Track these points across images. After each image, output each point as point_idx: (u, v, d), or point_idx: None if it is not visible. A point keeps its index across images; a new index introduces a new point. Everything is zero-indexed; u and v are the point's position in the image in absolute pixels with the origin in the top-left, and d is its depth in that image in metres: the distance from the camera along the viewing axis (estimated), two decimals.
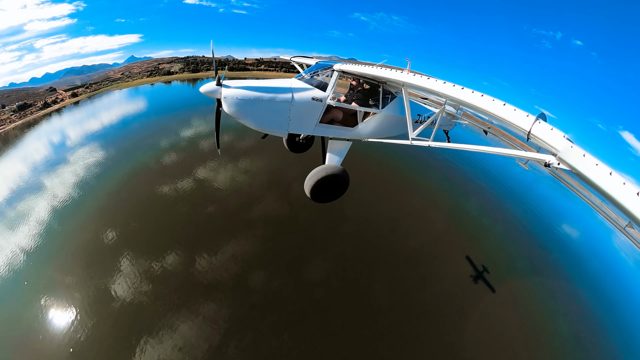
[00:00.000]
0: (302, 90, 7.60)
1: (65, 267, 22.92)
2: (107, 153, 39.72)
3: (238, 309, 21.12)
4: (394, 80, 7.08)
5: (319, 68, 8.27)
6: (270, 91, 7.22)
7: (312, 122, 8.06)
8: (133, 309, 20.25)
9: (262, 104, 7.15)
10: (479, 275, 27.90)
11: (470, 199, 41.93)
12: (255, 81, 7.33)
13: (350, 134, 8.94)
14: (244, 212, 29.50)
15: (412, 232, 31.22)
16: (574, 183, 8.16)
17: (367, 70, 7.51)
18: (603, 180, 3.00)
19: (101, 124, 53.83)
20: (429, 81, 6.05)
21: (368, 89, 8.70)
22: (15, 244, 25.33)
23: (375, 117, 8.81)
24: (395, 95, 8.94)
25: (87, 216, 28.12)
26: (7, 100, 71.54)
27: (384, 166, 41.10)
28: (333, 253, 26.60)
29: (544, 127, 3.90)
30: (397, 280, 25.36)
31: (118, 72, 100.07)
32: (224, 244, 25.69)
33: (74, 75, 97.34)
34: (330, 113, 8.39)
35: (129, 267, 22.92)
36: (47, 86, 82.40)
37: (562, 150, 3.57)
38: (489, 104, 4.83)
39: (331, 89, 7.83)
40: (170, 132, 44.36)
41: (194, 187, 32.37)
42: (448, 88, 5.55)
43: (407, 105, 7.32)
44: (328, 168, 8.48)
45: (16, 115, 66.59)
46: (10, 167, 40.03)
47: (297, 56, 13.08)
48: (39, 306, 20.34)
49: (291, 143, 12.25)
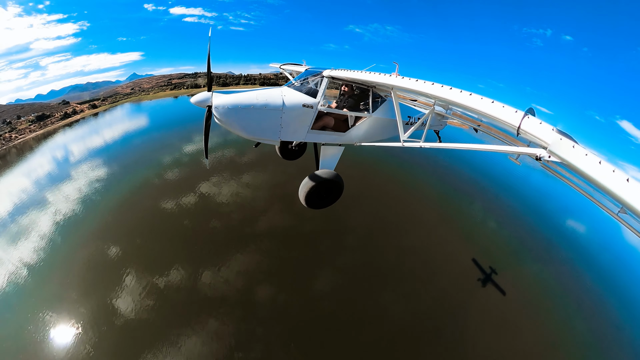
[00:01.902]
0: (293, 97, 7.59)
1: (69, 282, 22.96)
2: (122, 164, 41.09)
3: (244, 323, 20.80)
4: (383, 84, 7.13)
5: (309, 75, 8.32)
6: (261, 99, 7.17)
7: (304, 129, 8.05)
8: (137, 325, 20.01)
9: (253, 112, 7.10)
10: (491, 282, 27.61)
11: (471, 199, 42.15)
12: (246, 91, 7.33)
13: (342, 139, 8.97)
14: (248, 226, 29.47)
15: (416, 237, 31.13)
16: (566, 174, 8.26)
17: (356, 75, 7.56)
18: (593, 169, 3.06)
19: (122, 134, 56.42)
20: (418, 83, 6.08)
21: (358, 93, 8.77)
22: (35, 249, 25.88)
23: (367, 121, 8.87)
24: (385, 99, 9.01)
25: (99, 227, 28.44)
26: (22, 112, 75.85)
27: (384, 175, 41.39)
28: (339, 264, 26.33)
29: (533, 122, 3.93)
30: (407, 290, 24.89)
31: (126, 87, 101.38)
32: (229, 259, 25.50)
33: (79, 92, 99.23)
34: (322, 119, 8.42)
35: (133, 282, 22.74)
36: (55, 101, 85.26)
37: (552, 143, 3.61)
38: (478, 102, 4.86)
39: (321, 95, 7.86)
40: (173, 148, 45.09)
41: (198, 201, 32.49)
42: (436, 89, 5.59)
43: (397, 108, 7.34)
44: (322, 174, 8.52)
45: (35, 125, 70.61)
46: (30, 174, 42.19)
47: (286, 64, 13.16)
48: (40, 321, 20.15)
49: (283, 150, 12.25)
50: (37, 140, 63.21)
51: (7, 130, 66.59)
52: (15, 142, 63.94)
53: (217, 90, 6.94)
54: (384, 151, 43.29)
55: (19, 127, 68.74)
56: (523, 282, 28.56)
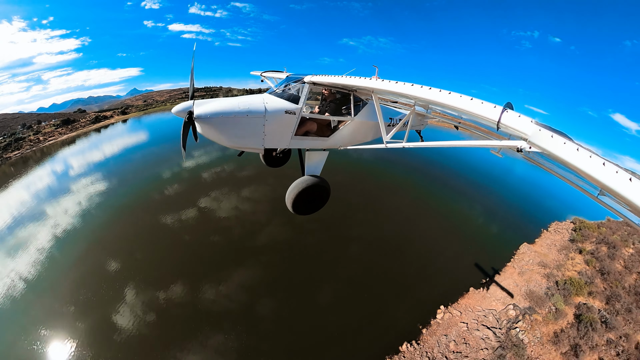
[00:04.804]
0: (275, 104, 7.53)
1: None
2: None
3: (247, 338, 20.45)
4: (363, 87, 7.20)
5: (290, 81, 8.31)
6: (243, 106, 7.04)
7: (288, 135, 7.99)
8: (137, 341, 19.50)
9: (235, 120, 6.95)
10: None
11: (460, 194, 42.83)
12: (228, 98, 7.20)
13: (326, 143, 8.99)
14: (249, 239, 29.49)
15: (418, 242, 31.30)
16: (547, 163, 8.63)
17: (337, 79, 7.60)
18: (572, 156, 3.18)
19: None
20: (397, 85, 6.15)
21: (339, 98, 8.83)
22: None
23: (349, 125, 8.93)
24: (366, 102, 9.12)
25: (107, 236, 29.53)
26: (40, 118, 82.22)
27: (377, 182, 40.84)
28: (342, 276, 26.18)
29: (511, 116, 4.03)
30: (412, 299, 24.66)
31: (135, 100, 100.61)
32: (231, 273, 25.34)
33: (81, 105, 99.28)
34: (305, 125, 8.39)
35: (133, 298, 22.36)
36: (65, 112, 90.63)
37: (531, 135, 3.71)
38: (457, 100, 4.94)
39: (303, 100, 7.84)
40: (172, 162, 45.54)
41: (198, 216, 32.50)
42: (416, 89, 5.66)
43: (379, 110, 7.42)
44: (308, 179, 8.46)
45: (63, 129, 77.31)
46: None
47: (267, 71, 13.13)
48: (37, 337, 19.66)
49: (268, 158, 12.14)
50: (66, 143, 68.15)
51: (32, 133, 72.79)
52: (46, 143, 70.04)
53: (199, 100, 6.78)
54: (371, 153, 43.56)
55: (44, 130, 75.30)
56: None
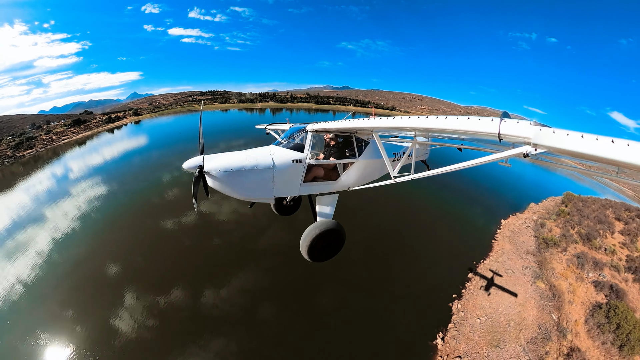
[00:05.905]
0: (282, 155, 7.88)
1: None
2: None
3: (248, 342, 19.77)
4: (364, 128, 7.59)
5: (294, 131, 8.80)
6: (251, 160, 7.36)
7: (297, 183, 8.21)
8: (137, 345, 18.78)
9: (245, 174, 7.22)
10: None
11: (460, 194, 45.22)
12: (236, 153, 7.57)
13: (335, 186, 9.16)
14: (250, 243, 29.40)
15: (419, 244, 31.48)
16: (555, 160, 8.24)
17: (337, 124, 8.05)
18: (579, 144, 3.19)
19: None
20: (395, 120, 6.45)
21: (342, 141, 9.25)
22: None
23: (355, 166, 9.19)
24: (368, 142, 9.51)
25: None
26: (50, 118, 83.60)
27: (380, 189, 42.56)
28: (343, 279, 25.84)
29: (510, 124, 4.11)
30: (413, 301, 24.46)
31: (139, 103, 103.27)
32: (231, 277, 25.02)
33: (82, 109, 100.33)
34: (312, 171, 8.66)
35: (133, 302, 21.88)
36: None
37: (534, 136, 3.75)
38: (454, 122, 5.10)
39: (308, 148, 8.23)
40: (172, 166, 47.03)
41: (198, 219, 32.54)
42: (414, 121, 5.88)
43: (382, 148, 7.70)
44: (321, 224, 8.40)
45: (75, 129, 79.76)
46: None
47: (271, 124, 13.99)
48: (36, 340, 18.95)
49: (279, 206, 12.27)
50: (80, 142, 70.78)
51: (44, 133, 74.32)
52: (60, 142, 72.00)
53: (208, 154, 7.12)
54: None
55: (55, 130, 77.40)
56: None
